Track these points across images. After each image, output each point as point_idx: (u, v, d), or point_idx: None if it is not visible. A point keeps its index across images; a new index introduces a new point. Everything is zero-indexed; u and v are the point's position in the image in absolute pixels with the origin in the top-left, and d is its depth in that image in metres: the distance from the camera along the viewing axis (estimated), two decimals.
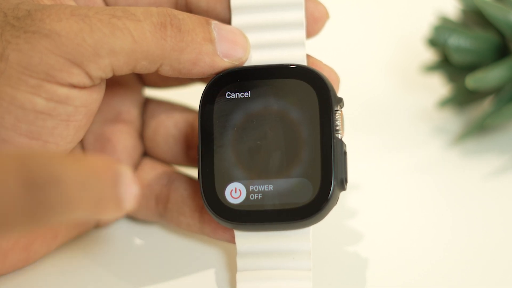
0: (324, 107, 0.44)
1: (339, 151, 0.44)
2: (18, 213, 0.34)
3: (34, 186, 0.34)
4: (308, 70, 0.45)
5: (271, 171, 0.44)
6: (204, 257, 0.48)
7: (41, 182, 0.34)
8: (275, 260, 0.44)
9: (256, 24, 0.46)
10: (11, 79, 0.42)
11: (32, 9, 0.42)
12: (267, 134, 0.45)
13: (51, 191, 0.34)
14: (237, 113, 0.45)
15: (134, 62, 0.43)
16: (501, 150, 0.56)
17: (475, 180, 0.54)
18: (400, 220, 0.52)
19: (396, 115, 0.60)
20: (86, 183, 0.36)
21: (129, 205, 0.38)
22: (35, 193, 0.34)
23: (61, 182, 0.35)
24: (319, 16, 0.47)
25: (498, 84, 0.55)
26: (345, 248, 0.49)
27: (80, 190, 0.35)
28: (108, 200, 0.37)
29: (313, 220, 0.44)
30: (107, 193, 0.37)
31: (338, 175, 0.44)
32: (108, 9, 0.43)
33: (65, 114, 0.43)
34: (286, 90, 0.45)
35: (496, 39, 0.56)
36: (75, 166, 0.36)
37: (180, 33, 0.43)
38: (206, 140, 0.45)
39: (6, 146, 0.43)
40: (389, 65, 0.63)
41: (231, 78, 0.45)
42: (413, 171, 0.55)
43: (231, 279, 0.47)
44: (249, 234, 0.45)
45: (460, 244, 0.49)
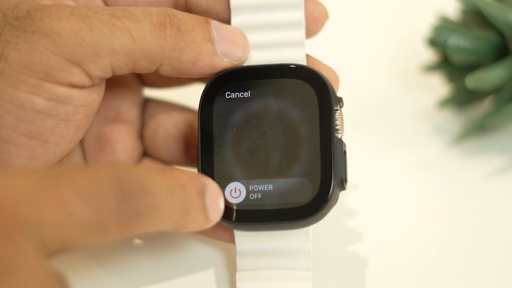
0: (323, 107, 0.44)
1: (339, 150, 0.44)
2: (112, 221, 0.35)
3: (127, 196, 0.36)
4: (308, 70, 0.45)
5: (271, 170, 0.44)
6: (204, 257, 0.48)
7: (133, 192, 0.36)
8: (274, 260, 0.44)
9: (255, 24, 0.46)
10: (11, 78, 0.42)
11: (32, 9, 0.42)
12: (267, 134, 0.45)
13: (142, 200, 0.36)
14: (237, 113, 0.45)
15: (133, 62, 0.43)
16: (501, 150, 0.56)
17: (475, 180, 0.54)
18: (400, 220, 0.52)
19: (396, 115, 0.59)
20: (173, 193, 0.38)
21: (216, 217, 0.41)
22: (128, 202, 0.36)
23: (150, 191, 0.36)
24: (318, 16, 0.47)
25: (498, 84, 0.55)
26: (345, 248, 0.49)
27: (167, 200, 0.37)
28: (194, 210, 0.39)
29: (312, 220, 0.44)
30: (193, 203, 0.39)
31: (338, 175, 0.44)
32: (108, 9, 0.43)
33: (65, 114, 0.43)
34: (286, 89, 0.45)
35: (496, 39, 0.56)
36: (162, 177, 0.38)
37: (180, 32, 0.43)
38: (205, 140, 0.45)
39: (6, 146, 0.43)
40: (389, 65, 0.63)
41: (230, 77, 0.45)
42: (413, 171, 0.55)
43: (231, 279, 0.47)
44: (248, 234, 0.45)
45: (460, 244, 0.49)
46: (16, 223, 0.33)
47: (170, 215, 0.38)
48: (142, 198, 0.36)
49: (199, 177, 0.41)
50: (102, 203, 0.35)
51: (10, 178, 0.35)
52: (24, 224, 0.33)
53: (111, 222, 0.35)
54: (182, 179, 0.39)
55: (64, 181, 0.35)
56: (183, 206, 0.39)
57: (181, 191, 0.39)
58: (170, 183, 0.38)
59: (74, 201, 0.34)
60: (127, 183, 0.36)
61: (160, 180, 0.38)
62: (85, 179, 0.35)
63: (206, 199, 0.41)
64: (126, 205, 0.36)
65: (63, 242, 0.34)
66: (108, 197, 0.35)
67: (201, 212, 0.41)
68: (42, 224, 0.34)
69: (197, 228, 0.41)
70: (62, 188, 0.34)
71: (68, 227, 0.34)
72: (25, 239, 0.33)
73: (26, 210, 0.34)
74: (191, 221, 0.40)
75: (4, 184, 0.34)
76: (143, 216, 0.36)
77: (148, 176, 0.37)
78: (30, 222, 0.33)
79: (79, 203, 0.34)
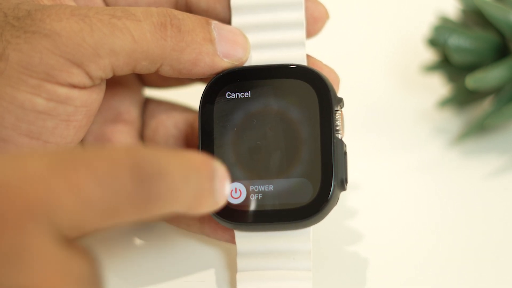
0: (324, 107, 0.44)
1: (339, 151, 0.44)
2: (128, 205, 0.35)
3: (144, 179, 0.35)
4: (308, 70, 0.45)
5: (271, 171, 0.44)
6: (204, 257, 0.48)
7: (150, 175, 0.35)
8: (275, 260, 0.44)
9: (256, 24, 0.46)
10: (11, 79, 0.42)
11: (32, 9, 0.42)
12: (267, 134, 0.45)
13: (159, 183, 0.35)
14: (237, 113, 0.45)
15: (134, 62, 0.43)
16: (501, 150, 0.56)
17: (475, 180, 0.54)
18: (400, 220, 0.51)
19: (396, 115, 0.59)
20: (188, 175, 0.37)
21: (221, 201, 0.40)
22: (145, 186, 0.35)
23: (167, 175, 0.36)
24: (319, 16, 0.47)
25: (498, 84, 0.55)
26: (345, 248, 0.49)
27: (183, 182, 0.37)
28: (205, 193, 0.39)
29: (313, 220, 0.44)
30: (205, 186, 0.39)
31: (338, 175, 0.44)
32: (108, 9, 0.43)
33: (65, 114, 0.43)
34: (286, 90, 0.45)
35: (496, 39, 0.56)
36: (178, 160, 0.37)
37: (180, 33, 0.43)
38: (206, 140, 0.45)
39: (6, 146, 0.43)
40: (389, 65, 0.63)
41: (231, 78, 0.45)
42: (413, 171, 0.55)
43: (231, 279, 0.47)
44: (249, 234, 0.45)
45: (460, 244, 0.49)
46: (27, 208, 0.32)
47: (185, 198, 0.38)
48: (159, 182, 0.36)
49: (210, 160, 0.40)
50: (118, 186, 0.34)
51: (22, 160, 0.34)
52: (36, 209, 0.32)
53: (127, 206, 0.35)
54: (196, 162, 0.39)
55: (80, 163, 0.34)
56: (197, 189, 0.39)
57: (195, 174, 0.38)
58: (186, 166, 0.38)
59: (90, 184, 0.34)
60: (145, 167, 0.35)
61: (176, 163, 0.37)
62: (101, 162, 0.34)
63: (215, 183, 0.40)
64: (143, 189, 0.35)
65: (78, 226, 0.34)
66: (125, 181, 0.34)
67: (211, 195, 0.40)
68: (55, 208, 0.33)
69: (206, 211, 0.41)
70: (77, 170, 0.34)
71: (83, 211, 0.33)
72: (37, 225, 0.32)
73: (38, 194, 0.33)
74: (202, 203, 0.39)
75: (15, 166, 0.33)
76: (159, 199, 0.36)
77: (165, 159, 0.36)
78: (42, 207, 0.33)
79: (95, 187, 0.34)
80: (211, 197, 0.39)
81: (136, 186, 0.35)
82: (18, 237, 0.32)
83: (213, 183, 0.39)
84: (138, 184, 0.35)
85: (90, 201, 0.33)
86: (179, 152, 0.38)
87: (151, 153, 0.36)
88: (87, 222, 0.34)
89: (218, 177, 0.39)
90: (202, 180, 0.39)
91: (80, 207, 0.33)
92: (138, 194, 0.35)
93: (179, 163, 0.37)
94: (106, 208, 0.34)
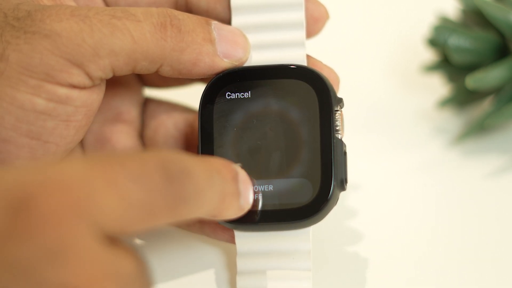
0: (324, 108, 0.44)
1: (339, 151, 0.44)
2: (163, 204, 0.35)
3: (173, 179, 0.36)
4: (308, 71, 0.45)
5: (271, 171, 0.44)
6: (204, 257, 0.48)
7: (178, 175, 0.36)
8: (275, 260, 0.44)
9: (256, 24, 0.46)
10: (11, 79, 0.42)
11: (32, 10, 0.42)
12: (267, 134, 0.45)
13: (187, 183, 0.36)
14: (237, 113, 0.45)
15: (134, 63, 0.43)
16: (501, 150, 0.56)
17: (475, 180, 0.54)
18: (400, 220, 0.52)
19: (396, 115, 0.59)
20: (212, 177, 0.38)
21: (247, 204, 0.41)
22: (175, 185, 0.36)
23: (193, 175, 0.37)
24: (319, 16, 0.47)
25: (498, 84, 0.55)
26: (345, 248, 0.49)
27: (208, 184, 0.38)
28: (230, 196, 0.40)
29: (313, 220, 0.44)
30: (229, 189, 0.40)
31: (338, 176, 0.44)
32: (108, 10, 0.43)
33: (65, 115, 0.43)
34: (286, 90, 0.45)
35: (496, 39, 0.56)
36: (200, 162, 0.38)
37: (180, 33, 0.43)
38: (206, 141, 0.45)
39: (7, 146, 0.43)
40: (389, 65, 0.63)
41: (231, 78, 0.45)
42: (413, 171, 0.55)
43: (231, 279, 0.47)
44: (249, 234, 0.45)
45: (460, 244, 0.49)
46: (71, 207, 0.33)
47: (211, 200, 0.38)
48: (187, 182, 0.36)
49: (231, 163, 0.41)
50: (151, 185, 0.35)
51: (61, 163, 0.34)
52: (79, 208, 0.33)
53: (162, 205, 0.35)
54: (217, 165, 0.40)
55: (114, 163, 0.34)
56: (221, 191, 0.39)
57: (218, 176, 0.39)
58: (208, 168, 0.39)
59: (126, 182, 0.34)
60: (172, 167, 0.36)
61: (199, 165, 0.38)
62: (133, 162, 0.35)
63: (239, 185, 0.41)
64: (173, 188, 0.36)
65: (119, 226, 0.34)
66: (156, 179, 0.35)
67: (236, 198, 0.41)
68: (97, 207, 0.33)
69: (231, 215, 0.42)
70: (113, 170, 0.34)
71: (123, 209, 0.34)
72: (79, 224, 0.33)
73: (81, 193, 0.33)
74: (228, 207, 0.41)
75: (57, 169, 0.34)
76: (189, 199, 0.36)
77: (189, 161, 0.37)
78: (85, 206, 0.33)
79: (131, 185, 0.34)
80: (236, 200, 0.40)
81: (167, 185, 0.35)
82: (63, 234, 0.32)
83: (237, 186, 0.40)
84: (169, 184, 0.35)
85: (128, 199, 0.34)
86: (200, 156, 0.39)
87: (175, 155, 0.37)
88: (127, 221, 0.34)
89: (241, 181, 0.41)
90: (226, 182, 0.40)
91: (120, 205, 0.34)
92: (169, 193, 0.35)
93: (202, 165, 0.38)
94: (143, 207, 0.35)
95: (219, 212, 0.40)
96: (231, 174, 0.41)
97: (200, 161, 0.38)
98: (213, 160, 0.40)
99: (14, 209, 0.32)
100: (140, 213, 0.35)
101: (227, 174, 0.40)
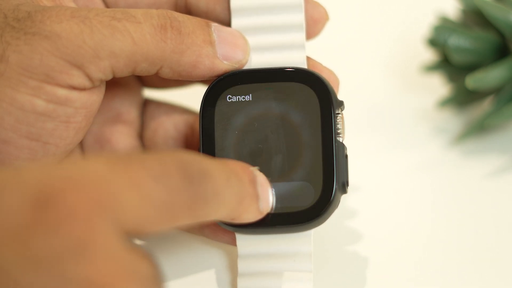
0: (325, 111, 0.44)
1: (340, 154, 0.44)
2: (183, 203, 0.36)
3: (193, 179, 0.36)
4: (310, 74, 0.45)
5: (273, 174, 0.44)
6: (205, 258, 0.48)
7: (197, 175, 0.36)
8: (276, 262, 0.44)
9: (256, 26, 0.46)
10: (11, 80, 0.42)
11: (32, 11, 0.42)
12: (269, 138, 0.45)
13: (206, 183, 0.36)
14: (238, 116, 0.45)
15: (134, 64, 0.43)
16: (501, 150, 0.56)
17: (475, 180, 0.54)
18: (400, 220, 0.52)
19: (396, 115, 0.59)
20: (230, 179, 0.38)
21: (266, 207, 0.42)
22: (195, 185, 0.36)
23: (212, 176, 0.37)
24: (318, 18, 0.47)
25: (498, 84, 0.55)
26: (345, 249, 0.49)
27: (227, 186, 0.38)
28: (249, 198, 0.40)
29: (315, 224, 0.44)
30: (248, 191, 0.40)
31: (340, 179, 0.44)
32: (108, 11, 0.43)
33: (65, 116, 0.43)
34: (288, 93, 0.45)
35: (496, 39, 0.56)
36: (218, 164, 0.38)
37: (180, 35, 0.43)
38: (207, 144, 0.45)
39: (6, 147, 0.43)
40: (389, 65, 0.63)
41: (232, 81, 0.45)
42: (413, 171, 0.55)
43: (232, 281, 0.47)
44: (250, 237, 0.44)
45: (460, 244, 0.49)
46: (95, 204, 0.33)
47: (229, 202, 0.39)
48: (206, 182, 0.36)
49: (249, 166, 0.41)
50: (172, 184, 0.35)
51: (82, 161, 0.35)
52: (103, 205, 0.33)
53: (182, 205, 0.35)
54: (235, 167, 0.40)
55: (135, 163, 0.35)
56: (239, 193, 0.40)
57: (236, 178, 0.39)
58: (226, 170, 0.39)
59: (148, 181, 0.34)
60: (191, 167, 0.36)
61: (217, 167, 0.38)
62: (153, 162, 0.35)
63: (258, 188, 0.41)
64: (193, 188, 0.36)
65: (140, 225, 0.34)
66: (177, 179, 0.35)
67: (255, 201, 0.41)
68: (120, 205, 0.33)
69: (250, 218, 0.42)
70: (134, 169, 0.34)
71: (145, 208, 0.34)
72: (103, 221, 0.33)
73: (103, 191, 0.33)
74: (246, 209, 0.41)
75: (78, 167, 0.34)
76: (209, 200, 0.37)
77: (208, 162, 0.37)
78: (108, 204, 0.33)
79: (153, 183, 0.34)
80: (254, 203, 0.41)
81: (187, 185, 0.36)
82: (86, 231, 0.32)
83: (255, 189, 0.40)
84: (188, 184, 0.36)
85: (150, 197, 0.34)
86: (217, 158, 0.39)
87: (193, 157, 0.37)
88: (148, 220, 0.35)
89: (259, 183, 0.41)
90: (244, 184, 0.40)
91: (141, 203, 0.34)
92: (190, 193, 0.36)
93: (220, 167, 0.38)
94: (165, 206, 0.35)
95: (238, 215, 0.41)
96: (249, 177, 0.41)
97: (218, 162, 0.38)
98: (231, 162, 0.40)
99: (39, 203, 0.32)
100: (161, 213, 0.35)
101: (244, 177, 0.40)
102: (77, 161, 0.35)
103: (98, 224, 0.33)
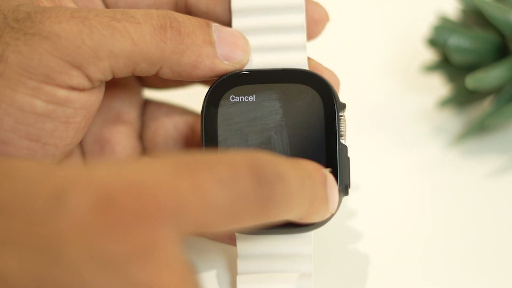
0: (329, 113, 0.44)
1: (343, 157, 0.44)
2: (249, 208, 0.35)
3: (264, 182, 0.36)
4: (315, 76, 0.45)
5: None
6: (205, 258, 0.48)
7: (270, 179, 0.36)
8: (275, 263, 0.44)
9: (256, 26, 0.46)
10: (11, 81, 0.42)
11: (32, 11, 0.42)
12: (272, 139, 0.44)
13: (278, 187, 0.36)
14: (242, 117, 0.45)
15: (133, 65, 0.43)
16: (501, 150, 0.56)
17: (475, 180, 0.54)
18: (400, 220, 0.52)
19: (396, 115, 0.59)
20: (303, 181, 0.38)
21: (333, 208, 0.41)
22: (266, 189, 0.36)
23: (285, 179, 0.36)
24: (319, 19, 0.47)
25: (498, 84, 0.55)
26: (345, 250, 0.49)
27: (300, 188, 0.38)
28: (320, 200, 0.40)
29: (316, 226, 0.43)
30: (320, 193, 0.40)
31: (343, 181, 0.44)
32: (108, 12, 0.43)
33: (64, 116, 0.43)
34: (292, 95, 0.45)
35: (496, 39, 0.56)
36: (292, 166, 0.38)
37: (180, 35, 0.43)
38: (210, 144, 0.45)
39: (6, 148, 0.43)
40: (389, 66, 0.63)
41: (235, 81, 0.45)
42: (413, 171, 0.55)
43: (231, 281, 0.47)
44: (250, 237, 0.44)
45: (460, 244, 0.49)
46: (157, 209, 0.33)
47: (301, 204, 0.38)
48: (278, 185, 0.36)
49: (321, 168, 0.41)
50: (240, 189, 0.35)
51: (148, 164, 0.34)
52: (165, 210, 0.33)
53: (248, 209, 0.35)
54: (309, 168, 0.40)
55: (202, 167, 0.34)
56: (312, 195, 0.39)
57: (309, 180, 0.39)
58: (301, 172, 0.38)
59: (213, 187, 0.34)
60: (264, 170, 0.36)
61: (292, 168, 0.38)
62: (222, 165, 0.35)
63: (328, 190, 0.41)
64: (263, 192, 0.35)
65: (199, 228, 0.34)
66: (246, 184, 0.35)
67: (324, 203, 0.41)
68: (182, 210, 0.33)
69: (318, 219, 0.42)
70: (200, 174, 0.34)
71: (207, 213, 0.34)
72: (165, 226, 0.33)
73: (167, 195, 0.33)
74: (316, 211, 0.41)
75: (143, 170, 0.34)
76: (278, 203, 0.36)
77: (283, 164, 0.37)
78: (171, 209, 0.33)
79: (218, 189, 0.34)
80: (324, 205, 0.40)
81: (256, 189, 0.35)
82: (149, 235, 0.32)
83: (326, 191, 0.40)
84: (259, 188, 0.35)
85: (214, 204, 0.34)
86: (292, 159, 0.39)
87: (268, 158, 0.36)
88: (209, 224, 0.34)
89: (329, 185, 0.41)
90: (317, 186, 0.40)
91: (204, 209, 0.34)
92: (258, 197, 0.35)
93: (294, 169, 0.38)
94: (229, 211, 0.35)
95: (306, 216, 0.40)
96: (321, 179, 0.41)
97: (293, 164, 0.38)
98: (306, 164, 0.40)
99: (103, 205, 0.32)
100: (225, 217, 0.35)
101: (317, 179, 0.40)
102: (144, 163, 0.35)
103: (163, 230, 0.33)
